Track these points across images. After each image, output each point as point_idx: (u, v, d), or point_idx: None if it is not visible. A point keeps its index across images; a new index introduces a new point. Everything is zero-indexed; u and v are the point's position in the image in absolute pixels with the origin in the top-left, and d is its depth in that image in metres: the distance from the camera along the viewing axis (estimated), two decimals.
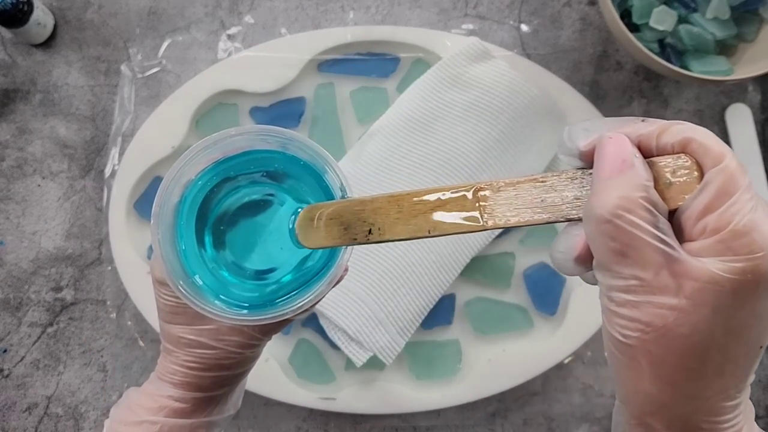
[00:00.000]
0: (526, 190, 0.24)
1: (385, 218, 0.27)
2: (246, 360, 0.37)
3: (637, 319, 0.20)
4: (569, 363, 0.56)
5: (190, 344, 0.35)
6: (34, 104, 0.57)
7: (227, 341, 0.35)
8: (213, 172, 0.35)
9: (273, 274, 0.37)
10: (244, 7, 0.58)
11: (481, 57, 0.54)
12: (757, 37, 0.55)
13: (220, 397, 0.37)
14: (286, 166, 0.37)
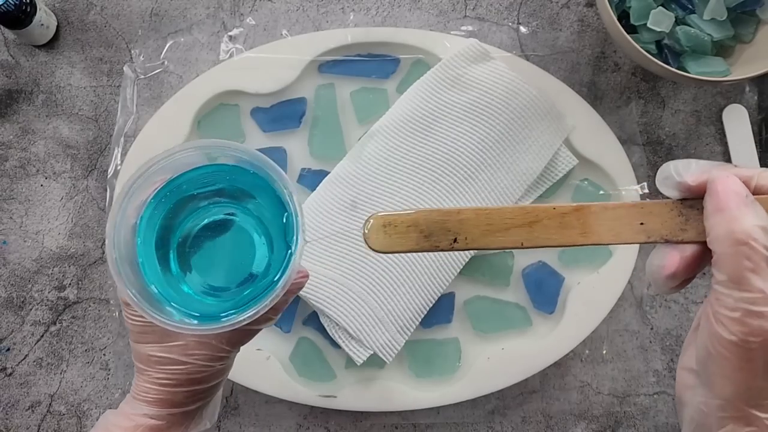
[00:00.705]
0: (626, 213, 0.28)
1: (474, 229, 0.30)
2: (217, 373, 0.37)
3: (761, 326, 0.24)
4: (567, 361, 0.57)
5: (160, 361, 0.35)
6: (37, 105, 0.58)
7: (196, 356, 0.36)
8: (166, 190, 0.36)
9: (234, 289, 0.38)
10: (246, 8, 0.59)
11: (480, 58, 0.55)
12: (754, 38, 0.55)
13: (195, 411, 0.38)
14: (236, 178, 0.38)
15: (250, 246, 0.39)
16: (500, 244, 0.30)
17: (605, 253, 0.56)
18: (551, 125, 0.55)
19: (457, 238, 0.30)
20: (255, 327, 0.38)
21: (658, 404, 0.58)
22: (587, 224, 0.29)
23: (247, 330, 0.37)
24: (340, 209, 0.53)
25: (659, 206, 0.28)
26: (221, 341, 0.36)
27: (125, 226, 0.34)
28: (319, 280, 0.52)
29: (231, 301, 0.38)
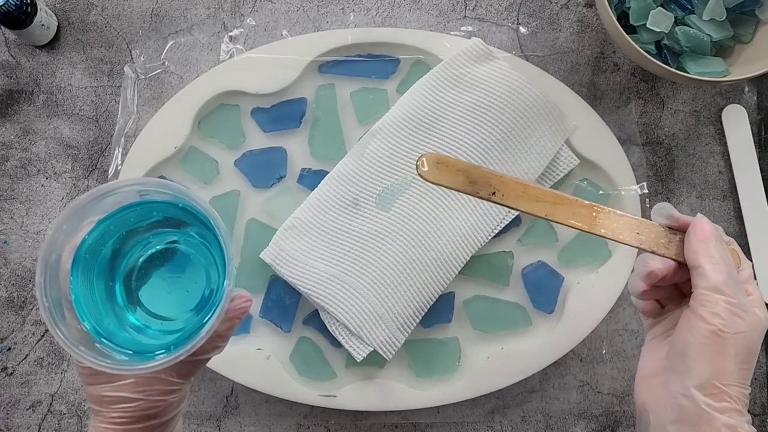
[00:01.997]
0: (628, 222, 0.37)
1: (511, 191, 0.36)
2: (171, 406, 0.37)
3: (738, 324, 0.34)
4: (567, 361, 0.57)
5: (113, 401, 0.36)
6: (37, 105, 0.58)
7: (148, 391, 0.36)
8: (100, 229, 0.37)
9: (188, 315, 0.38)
10: (246, 9, 0.59)
11: (483, 58, 0.55)
12: (753, 39, 0.55)
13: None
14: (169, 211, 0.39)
15: (198, 271, 0.39)
16: (529, 209, 0.36)
17: (605, 253, 0.56)
18: (553, 125, 0.55)
19: (496, 192, 0.36)
20: (202, 357, 0.38)
21: None
22: (597, 219, 0.37)
23: (194, 361, 0.38)
24: (342, 206, 0.54)
25: (652, 226, 0.37)
26: (171, 375, 0.36)
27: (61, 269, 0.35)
28: (320, 277, 0.52)
29: (179, 331, 0.38)
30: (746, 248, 0.59)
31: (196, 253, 0.40)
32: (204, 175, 0.55)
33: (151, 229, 0.40)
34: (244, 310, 0.39)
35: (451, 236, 0.53)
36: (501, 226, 0.55)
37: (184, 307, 0.39)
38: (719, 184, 0.60)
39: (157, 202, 0.38)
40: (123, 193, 0.36)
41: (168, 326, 0.39)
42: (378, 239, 0.53)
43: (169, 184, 0.35)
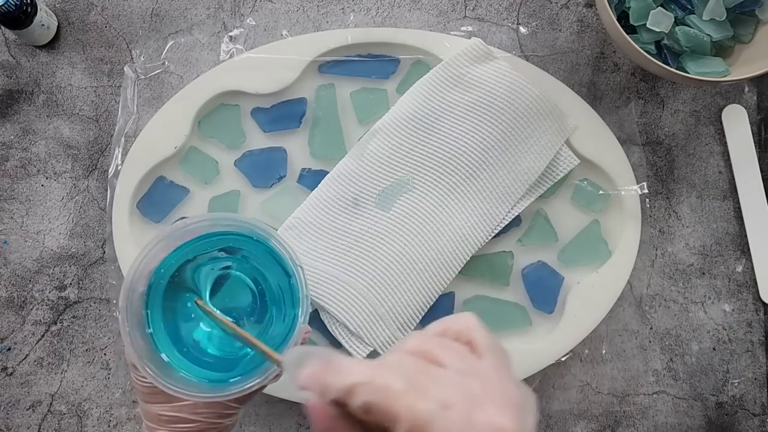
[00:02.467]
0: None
1: None
2: (225, 428, 0.38)
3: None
4: (567, 361, 0.57)
5: (170, 420, 0.37)
6: (38, 105, 0.58)
7: (206, 413, 0.37)
8: (173, 258, 0.38)
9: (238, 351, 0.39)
10: (246, 9, 0.59)
11: (484, 58, 0.55)
12: (753, 39, 0.55)
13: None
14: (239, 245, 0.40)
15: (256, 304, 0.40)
16: None
17: (605, 253, 0.56)
18: (554, 125, 0.55)
19: None
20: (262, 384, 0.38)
21: (658, 404, 0.58)
22: None
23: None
24: (342, 206, 0.54)
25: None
26: (230, 400, 0.37)
27: (136, 295, 0.36)
28: (320, 277, 0.52)
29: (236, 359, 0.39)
30: (746, 248, 0.59)
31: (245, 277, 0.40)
32: (204, 175, 0.55)
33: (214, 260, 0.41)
34: (304, 342, 0.40)
35: (451, 236, 0.53)
36: (501, 226, 0.55)
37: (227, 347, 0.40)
38: (719, 184, 0.60)
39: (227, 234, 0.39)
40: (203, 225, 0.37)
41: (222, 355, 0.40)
42: (378, 239, 0.53)
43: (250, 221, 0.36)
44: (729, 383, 0.58)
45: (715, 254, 0.59)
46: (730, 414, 0.58)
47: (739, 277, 0.59)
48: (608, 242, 0.57)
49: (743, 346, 0.59)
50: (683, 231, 0.59)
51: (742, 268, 0.59)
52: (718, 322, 0.59)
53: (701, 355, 0.58)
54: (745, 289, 0.59)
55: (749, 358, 0.59)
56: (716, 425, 0.58)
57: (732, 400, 0.58)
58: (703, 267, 0.59)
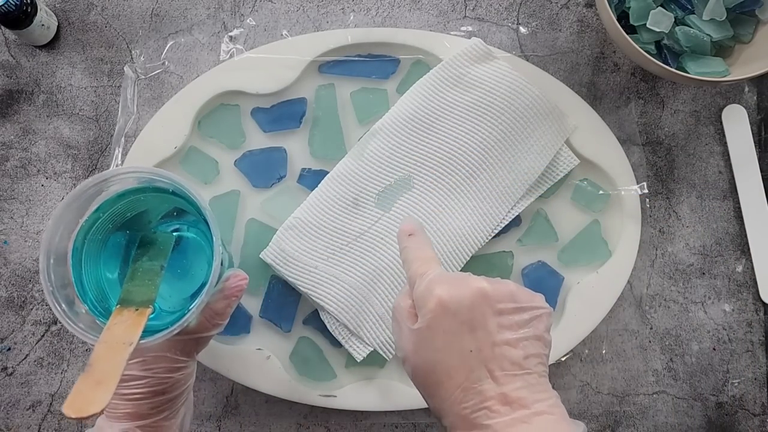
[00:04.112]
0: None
1: None
2: (177, 383, 0.40)
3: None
4: (567, 360, 0.57)
5: (124, 379, 0.38)
6: (38, 105, 0.58)
7: (154, 369, 0.39)
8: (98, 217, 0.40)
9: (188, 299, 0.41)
10: (246, 9, 0.59)
11: (484, 58, 0.55)
12: (753, 39, 0.56)
13: (162, 422, 0.40)
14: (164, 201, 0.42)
15: (200, 258, 0.41)
16: None
17: (605, 253, 0.56)
18: (553, 125, 0.55)
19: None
20: (204, 335, 0.41)
21: (658, 404, 0.58)
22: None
23: (196, 339, 0.41)
24: (342, 206, 0.54)
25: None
26: (175, 353, 0.39)
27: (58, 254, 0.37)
28: (320, 277, 0.52)
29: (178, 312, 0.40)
30: (746, 248, 0.59)
31: (198, 239, 0.41)
32: (204, 175, 0.55)
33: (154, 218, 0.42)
34: (240, 288, 0.42)
35: (451, 236, 0.53)
36: (501, 226, 0.55)
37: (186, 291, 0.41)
38: (719, 184, 0.60)
39: (152, 190, 0.40)
40: (121, 180, 0.38)
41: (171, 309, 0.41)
42: (378, 239, 0.53)
43: (160, 171, 0.37)
44: (729, 383, 0.58)
45: (715, 254, 0.59)
46: (730, 414, 0.58)
47: (739, 277, 0.59)
48: (608, 242, 0.57)
49: (743, 346, 0.59)
50: (683, 231, 0.59)
51: (742, 268, 0.59)
52: (718, 322, 0.59)
53: (701, 355, 0.58)
54: (745, 289, 0.59)
55: (749, 358, 0.59)
56: (716, 425, 0.58)
57: (732, 400, 0.58)
58: (703, 267, 0.59)
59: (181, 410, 0.41)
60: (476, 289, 0.33)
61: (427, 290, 0.34)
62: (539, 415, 0.31)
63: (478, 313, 0.33)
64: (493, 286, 0.33)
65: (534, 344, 0.33)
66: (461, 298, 0.33)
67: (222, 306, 0.41)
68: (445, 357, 0.33)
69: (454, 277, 0.34)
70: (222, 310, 0.41)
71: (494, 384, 0.32)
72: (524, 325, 0.33)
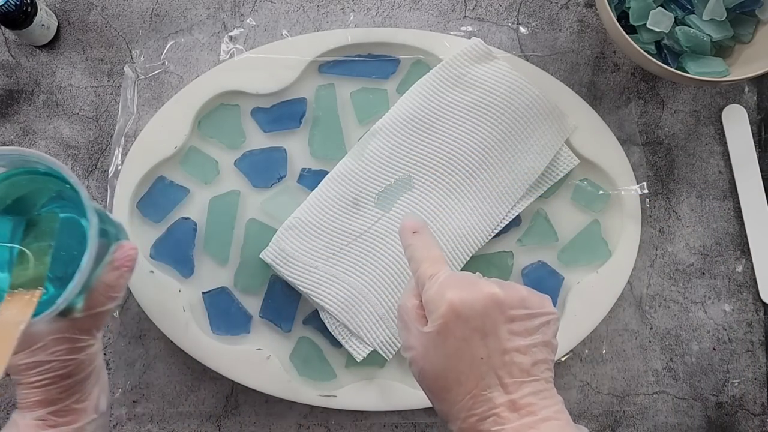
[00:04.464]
0: None
1: None
2: (82, 364, 0.40)
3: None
4: (567, 360, 0.57)
5: (29, 367, 0.38)
6: (38, 105, 0.58)
7: (57, 352, 0.39)
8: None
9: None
10: (246, 9, 0.59)
11: (484, 58, 0.55)
12: (753, 39, 0.56)
13: (74, 405, 0.40)
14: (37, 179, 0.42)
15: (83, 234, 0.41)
16: None
17: (605, 253, 0.56)
18: (553, 125, 0.55)
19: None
20: (100, 310, 0.40)
21: (658, 404, 0.58)
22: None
23: (94, 315, 0.40)
24: (342, 206, 0.54)
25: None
26: (75, 332, 0.39)
27: None
28: (320, 277, 0.52)
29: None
30: (746, 248, 0.59)
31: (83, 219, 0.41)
32: (204, 175, 0.55)
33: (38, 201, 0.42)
34: (130, 257, 0.42)
35: (451, 236, 0.53)
36: (501, 226, 0.55)
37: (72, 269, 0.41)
38: (719, 184, 0.60)
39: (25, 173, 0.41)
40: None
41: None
42: (378, 239, 0.53)
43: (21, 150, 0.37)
44: (729, 383, 0.58)
45: (715, 254, 0.59)
46: (730, 414, 0.58)
47: (739, 277, 0.59)
48: (608, 242, 0.57)
49: (743, 346, 0.59)
50: (683, 231, 0.59)
51: (742, 268, 0.59)
52: (718, 322, 0.59)
53: (701, 355, 0.58)
54: (745, 289, 0.59)
55: (749, 358, 0.59)
56: (716, 425, 0.58)
57: (732, 400, 0.58)
58: (703, 267, 0.59)
59: (93, 391, 0.41)
60: (489, 295, 0.33)
61: (438, 294, 0.34)
62: (546, 421, 0.32)
63: (489, 319, 0.33)
64: (506, 291, 0.33)
65: (542, 350, 0.33)
66: (473, 304, 0.33)
67: (113, 278, 0.40)
68: (456, 363, 0.33)
69: (467, 281, 0.34)
70: (114, 282, 0.41)
71: (503, 391, 0.32)
72: (534, 332, 0.33)
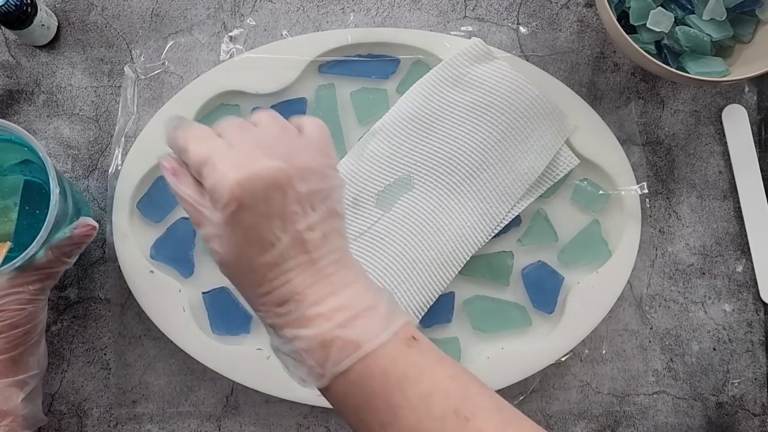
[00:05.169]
0: None
1: None
2: (30, 316, 0.45)
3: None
4: (567, 361, 0.57)
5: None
6: (38, 105, 0.58)
7: (8, 301, 0.43)
8: None
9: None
10: (246, 9, 0.59)
11: (484, 57, 0.55)
12: (753, 38, 0.56)
13: (20, 356, 0.45)
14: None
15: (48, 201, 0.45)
16: None
17: (605, 253, 0.56)
18: (553, 125, 0.55)
19: None
20: (52, 270, 0.46)
21: (658, 404, 0.58)
22: None
23: (46, 273, 0.45)
24: None
25: None
26: (27, 286, 0.44)
27: None
28: None
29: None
30: (746, 248, 0.59)
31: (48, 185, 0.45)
32: None
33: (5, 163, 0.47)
34: (87, 235, 0.46)
35: (451, 236, 0.53)
36: (501, 226, 0.55)
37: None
38: (719, 184, 0.60)
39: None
40: None
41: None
42: (378, 239, 0.53)
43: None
44: (729, 383, 0.58)
45: (715, 254, 0.59)
46: (730, 414, 0.58)
47: (739, 277, 0.59)
48: (608, 242, 0.57)
49: (743, 346, 0.59)
50: (683, 231, 0.59)
51: (742, 268, 0.59)
52: (718, 322, 0.59)
53: (701, 355, 0.58)
54: (745, 289, 0.59)
55: (749, 358, 0.59)
56: (716, 425, 0.58)
57: (732, 400, 0.58)
58: (703, 267, 0.59)
59: (37, 349, 0.46)
60: (269, 179, 0.32)
61: (218, 183, 0.32)
62: (346, 287, 0.33)
63: (275, 203, 0.32)
64: (289, 164, 0.32)
65: (330, 221, 0.34)
66: (254, 191, 0.32)
67: (68, 248, 0.46)
68: (247, 251, 0.32)
69: (245, 161, 0.32)
70: (68, 251, 0.46)
71: (299, 271, 0.33)
72: (320, 204, 0.34)
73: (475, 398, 0.32)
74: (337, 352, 0.31)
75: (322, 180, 0.34)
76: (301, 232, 0.33)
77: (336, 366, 0.32)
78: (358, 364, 0.32)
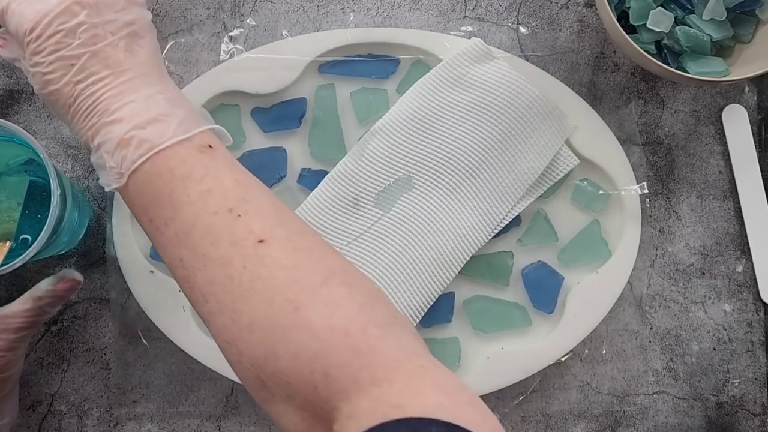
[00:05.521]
0: None
1: None
2: (8, 364, 0.44)
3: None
4: (567, 361, 0.57)
5: None
6: (38, 105, 0.58)
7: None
8: None
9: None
10: (246, 9, 0.59)
11: (484, 57, 0.55)
12: (753, 38, 0.55)
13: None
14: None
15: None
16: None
17: (605, 253, 0.56)
18: (554, 125, 0.55)
19: None
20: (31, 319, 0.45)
21: (658, 404, 0.58)
22: None
23: (26, 321, 0.45)
24: (342, 206, 0.54)
25: None
26: (10, 333, 0.44)
27: None
28: None
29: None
30: (746, 248, 0.59)
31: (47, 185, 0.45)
32: None
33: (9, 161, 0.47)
34: (71, 288, 0.46)
35: (451, 236, 0.53)
36: (501, 226, 0.55)
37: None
38: (719, 184, 0.60)
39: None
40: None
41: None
42: (378, 239, 0.53)
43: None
44: (729, 383, 0.58)
45: (715, 254, 0.59)
46: (731, 414, 0.58)
47: (739, 277, 0.59)
48: (608, 242, 0.57)
49: (743, 346, 0.59)
50: (683, 231, 0.59)
51: (742, 268, 0.59)
52: (719, 322, 0.59)
53: (701, 355, 0.58)
54: (745, 289, 0.59)
55: (749, 358, 0.59)
56: (716, 425, 0.58)
57: (732, 400, 0.58)
58: (703, 267, 0.59)
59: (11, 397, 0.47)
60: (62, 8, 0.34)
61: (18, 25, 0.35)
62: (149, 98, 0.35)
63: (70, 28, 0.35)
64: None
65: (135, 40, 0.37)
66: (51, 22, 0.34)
67: (50, 299, 0.46)
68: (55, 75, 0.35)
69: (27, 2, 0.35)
70: (50, 302, 0.46)
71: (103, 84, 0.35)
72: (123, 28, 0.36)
73: (254, 201, 0.34)
74: (132, 151, 0.34)
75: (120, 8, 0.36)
76: (101, 50, 0.35)
77: (131, 165, 0.34)
78: (148, 162, 0.34)
